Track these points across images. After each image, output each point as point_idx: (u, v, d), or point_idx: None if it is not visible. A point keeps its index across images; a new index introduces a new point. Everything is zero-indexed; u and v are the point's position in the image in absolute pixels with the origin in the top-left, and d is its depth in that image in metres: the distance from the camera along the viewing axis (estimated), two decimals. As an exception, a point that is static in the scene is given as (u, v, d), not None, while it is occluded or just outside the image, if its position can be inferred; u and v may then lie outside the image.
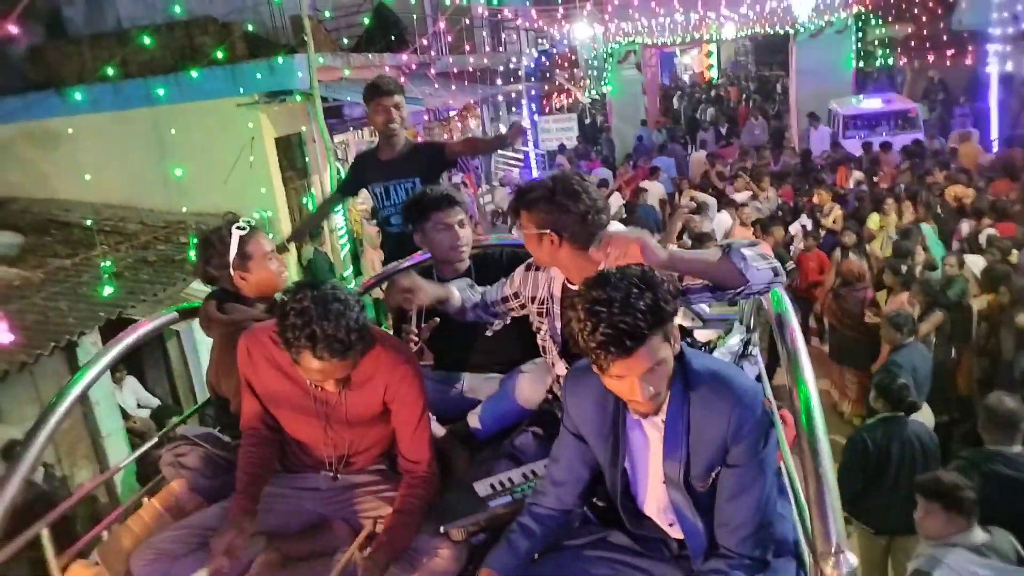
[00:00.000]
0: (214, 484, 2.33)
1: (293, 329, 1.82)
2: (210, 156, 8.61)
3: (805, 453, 1.54)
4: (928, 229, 8.05)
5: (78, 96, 8.17)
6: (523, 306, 2.33)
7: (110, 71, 8.07)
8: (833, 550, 1.39)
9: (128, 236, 8.22)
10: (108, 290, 5.83)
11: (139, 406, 7.45)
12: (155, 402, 7.55)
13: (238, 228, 2.44)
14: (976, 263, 6.47)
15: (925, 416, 4.79)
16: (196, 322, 2.60)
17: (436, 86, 10.44)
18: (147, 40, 7.00)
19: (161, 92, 8.28)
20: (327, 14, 9.08)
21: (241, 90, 8.20)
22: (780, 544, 1.73)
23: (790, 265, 7.39)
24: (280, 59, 7.87)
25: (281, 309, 1.86)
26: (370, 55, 9.78)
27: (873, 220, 8.71)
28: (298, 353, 1.86)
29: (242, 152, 8.43)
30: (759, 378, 2.28)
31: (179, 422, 2.92)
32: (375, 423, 2.11)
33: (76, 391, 2.24)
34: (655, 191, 11.30)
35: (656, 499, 1.76)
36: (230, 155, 8.51)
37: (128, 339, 2.41)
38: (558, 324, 2.19)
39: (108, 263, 6.17)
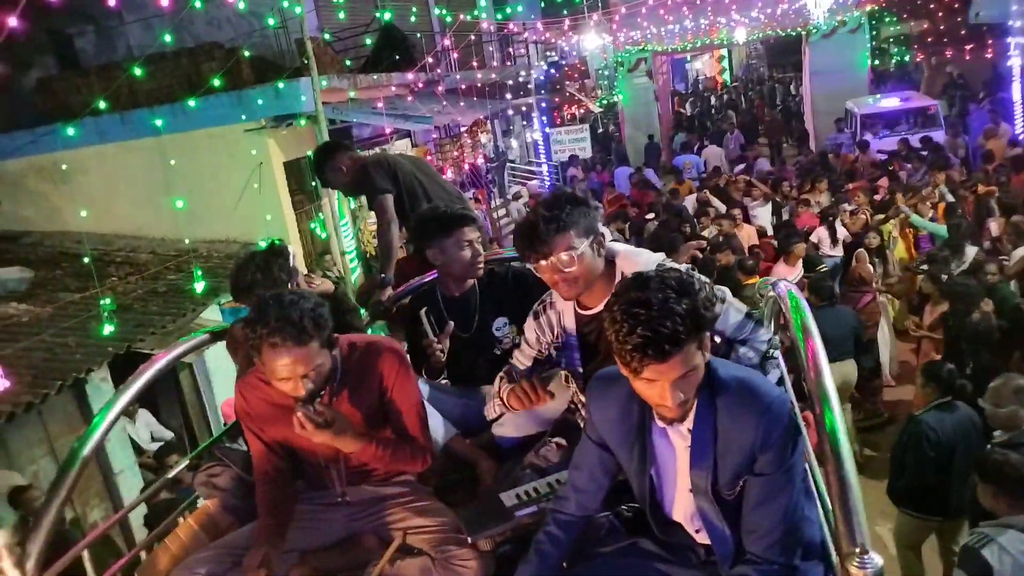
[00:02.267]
0: (245, 505, 2.34)
1: (254, 327, 1.89)
2: (219, 183, 8.55)
3: (828, 456, 1.55)
4: (919, 221, 7.92)
5: (85, 127, 8.13)
6: (559, 349, 2.28)
7: (115, 102, 8.05)
8: (858, 550, 1.40)
9: (138, 267, 8.16)
10: (108, 328, 5.72)
11: (153, 439, 7.34)
12: (169, 435, 7.44)
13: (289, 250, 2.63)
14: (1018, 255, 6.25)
15: (848, 370, 5.63)
16: (208, 353, 2.68)
17: (444, 103, 10.33)
18: (140, 71, 6.90)
19: (167, 121, 8.24)
20: (326, 36, 8.98)
21: (244, 116, 8.16)
22: (807, 547, 1.72)
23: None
24: (281, 84, 7.77)
25: (245, 321, 1.94)
26: (375, 75, 9.68)
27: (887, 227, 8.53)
28: (260, 351, 1.90)
29: (251, 178, 8.36)
30: (781, 380, 2.24)
31: (201, 450, 2.90)
32: (379, 427, 2.15)
33: (99, 433, 2.20)
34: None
35: (683, 506, 1.75)
36: (239, 181, 8.45)
37: (150, 370, 2.43)
38: (577, 355, 2.16)
39: (108, 300, 6.05)
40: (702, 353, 1.57)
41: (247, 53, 9.32)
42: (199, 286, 6.28)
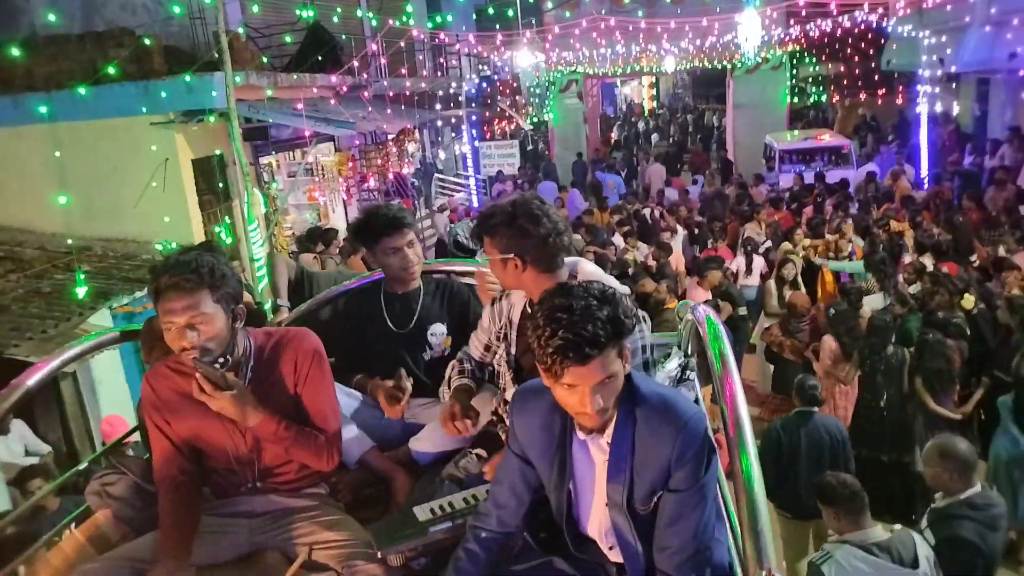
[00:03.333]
0: (142, 515, 2.22)
1: (155, 275, 1.93)
2: (120, 178, 7.97)
3: (738, 478, 1.58)
4: (835, 265, 8.11)
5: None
6: (499, 339, 2.31)
7: (8, 83, 7.39)
8: (765, 574, 1.43)
9: (22, 263, 7.49)
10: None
11: (27, 453, 6.68)
12: (45, 448, 6.79)
13: None
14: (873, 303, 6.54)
15: None
16: (95, 361, 2.53)
17: (370, 109, 10.00)
18: (19, 52, 6.30)
19: (65, 108, 7.62)
20: (240, 30, 8.54)
21: (147, 109, 7.65)
22: (716, 568, 1.74)
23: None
24: (188, 77, 7.31)
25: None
26: (296, 75, 9.27)
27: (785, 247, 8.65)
28: (156, 300, 1.91)
29: (155, 174, 7.82)
30: (696, 403, 2.31)
31: (100, 454, 2.82)
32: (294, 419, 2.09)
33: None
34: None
35: (598, 522, 1.77)
36: (142, 177, 7.89)
37: (33, 379, 2.30)
38: (513, 349, 2.20)
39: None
40: (622, 363, 1.61)
41: (162, 42, 8.79)
42: (83, 289, 5.74)
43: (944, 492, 3.49)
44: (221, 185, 8.29)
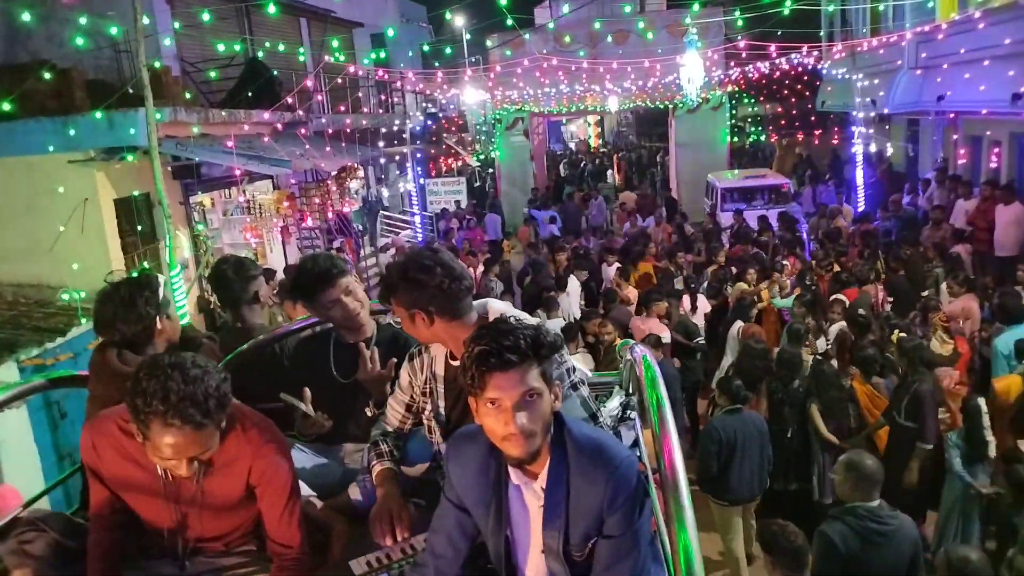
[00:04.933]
0: (63, 574, 2.09)
1: (145, 394, 1.67)
2: (35, 218, 7.48)
3: (672, 522, 1.59)
4: (780, 303, 8.24)
5: None
6: (425, 394, 2.26)
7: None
8: None
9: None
10: None
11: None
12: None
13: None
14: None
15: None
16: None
17: (307, 147, 9.68)
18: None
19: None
20: (156, 64, 8.18)
21: (58, 146, 7.21)
22: None
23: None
24: (99, 114, 6.92)
25: (134, 376, 1.72)
26: (226, 112, 8.91)
27: (740, 287, 8.67)
28: (148, 425, 1.70)
29: (73, 215, 7.35)
30: (636, 443, 2.33)
31: (36, 498, 2.64)
32: (238, 507, 1.99)
33: None
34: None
35: (536, 568, 1.76)
36: (59, 217, 7.41)
37: None
38: (442, 403, 2.19)
39: None
40: (548, 389, 1.63)
41: (86, 76, 8.37)
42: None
43: (845, 501, 3.78)
44: (142, 227, 7.82)
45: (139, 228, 7.88)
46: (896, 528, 3.67)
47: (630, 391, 2.58)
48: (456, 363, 2.07)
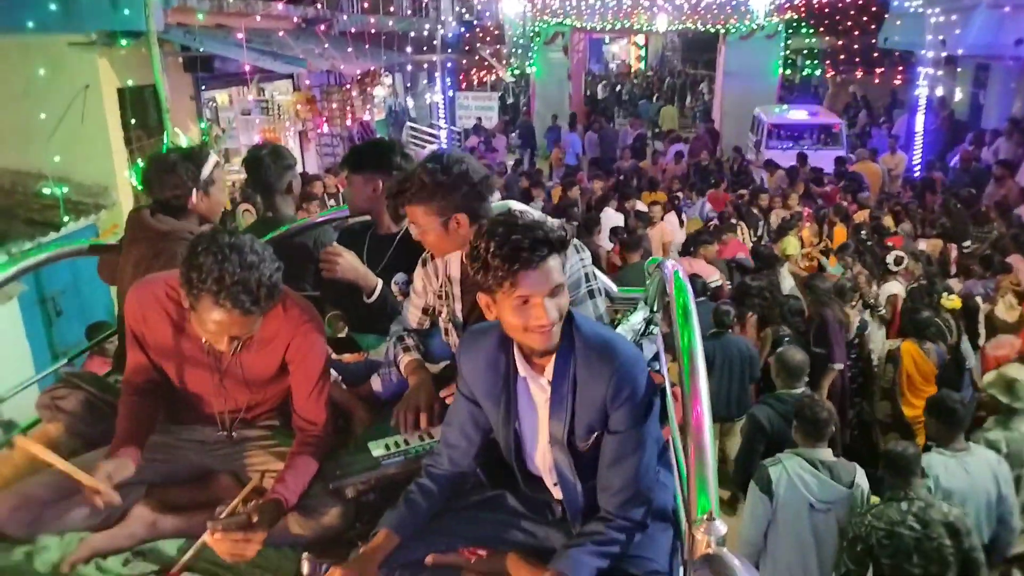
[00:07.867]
0: (95, 430, 2.18)
1: (200, 270, 1.70)
2: (32, 103, 7.00)
3: (688, 428, 1.59)
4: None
5: None
6: (441, 298, 2.29)
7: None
8: (705, 517, 1.43)
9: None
10: None
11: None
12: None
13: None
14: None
15: None
16: None
17: (326, 46, 9.01)
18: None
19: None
20: None
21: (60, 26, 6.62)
22: (660, 512, 1.81)
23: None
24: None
25: (192, 247, 1.74)
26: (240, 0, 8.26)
27: (791, 244, 8.10)
28: (198, 298, 1.74)
29: (73, 102, 6.88)
30: (657, 356, 2.37)
31: (75, 356, 2.75)
32: (273, 381, 2.07)
33: None
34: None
35: (543, 459, 1.81)
36: (58, 105, 6.95)
37: None
38: (458, 306, 2.22)
39: None
40: (564, 279, 1.65)
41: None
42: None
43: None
44: (141, 120, 7.33)
45: (134, 121, 7.38)
46: None
47: (655, 308, 2.59)
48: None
